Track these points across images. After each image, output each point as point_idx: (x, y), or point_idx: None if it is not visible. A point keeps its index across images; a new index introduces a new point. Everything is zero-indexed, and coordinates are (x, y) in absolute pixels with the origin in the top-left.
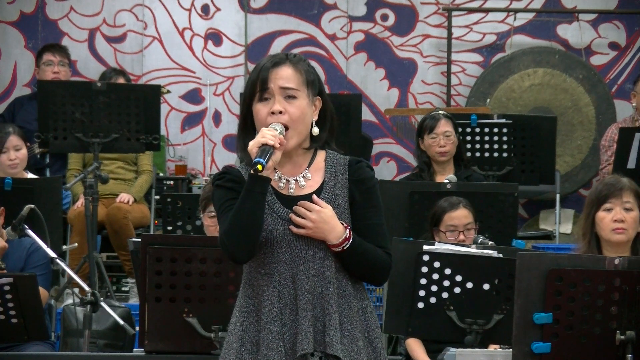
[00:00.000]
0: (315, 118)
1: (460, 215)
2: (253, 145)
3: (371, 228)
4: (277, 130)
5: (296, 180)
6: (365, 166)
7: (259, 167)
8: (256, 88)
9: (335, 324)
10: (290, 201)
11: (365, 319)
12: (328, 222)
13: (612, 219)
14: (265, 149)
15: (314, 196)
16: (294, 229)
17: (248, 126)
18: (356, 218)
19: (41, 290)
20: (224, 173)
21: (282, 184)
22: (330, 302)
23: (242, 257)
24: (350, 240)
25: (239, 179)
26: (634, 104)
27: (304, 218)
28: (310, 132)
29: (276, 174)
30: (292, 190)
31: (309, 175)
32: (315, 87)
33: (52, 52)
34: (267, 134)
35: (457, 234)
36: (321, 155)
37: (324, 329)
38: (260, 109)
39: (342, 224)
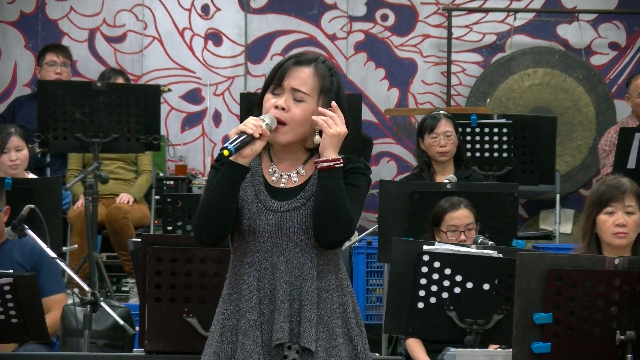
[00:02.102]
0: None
1: (461, 216)
2: (233, 132)
3: None
4: (264, 121)
5: (289, 175)
6: (355, 160)
7: (225, 152)
8: (273, 80)
9: (311, 316)
10: (278, 193)
11: (345, 316)
12: (340, 140)
13: (614, 223)
14: (242, 137)
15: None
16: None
17: (260, 112)
18: None
19: (60, 295)
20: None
21: (274, 178)
22: (308, 294)
23: (205, 239)
24: (340, 166)
25: None
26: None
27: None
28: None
29: (271, 168)
30: (283, 185)
31: (303, 172)
32: (329, 97)
33: (55, 52)
34: (250, 123)
35: (458, 234)
36: None
37: (299, 321)
38: (269, 99)
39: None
